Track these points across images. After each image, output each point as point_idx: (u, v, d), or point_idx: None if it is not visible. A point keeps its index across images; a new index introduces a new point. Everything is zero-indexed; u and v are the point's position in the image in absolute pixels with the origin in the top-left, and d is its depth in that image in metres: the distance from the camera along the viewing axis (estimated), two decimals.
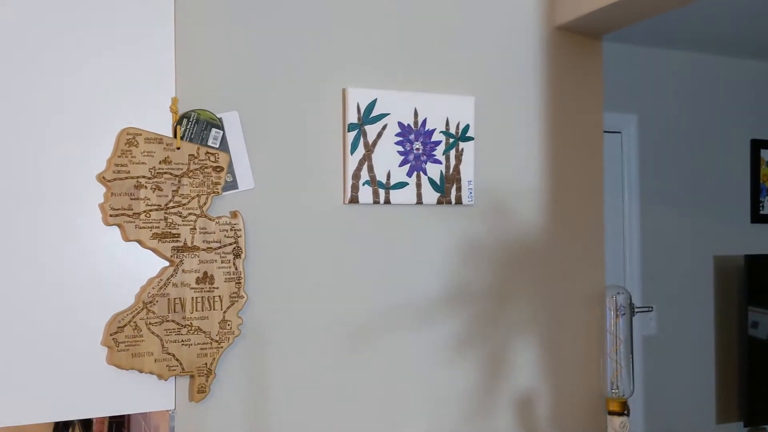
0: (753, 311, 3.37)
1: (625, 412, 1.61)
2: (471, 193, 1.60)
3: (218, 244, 1.37)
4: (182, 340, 1.33)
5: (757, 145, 3.61)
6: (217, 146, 1.39)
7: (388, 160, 1.52)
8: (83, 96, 1.30)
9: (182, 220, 1.34)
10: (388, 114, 1.52)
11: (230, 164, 1.40)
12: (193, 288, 1.34)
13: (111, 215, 1.29)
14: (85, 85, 1.30)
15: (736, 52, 2.97)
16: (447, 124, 1.58)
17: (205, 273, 1.35)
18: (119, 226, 1.31)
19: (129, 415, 1.89)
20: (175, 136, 1.35)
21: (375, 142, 1.51)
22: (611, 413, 1.62)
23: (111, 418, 1.88)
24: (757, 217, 3.68)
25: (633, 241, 3.22)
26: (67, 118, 1.29)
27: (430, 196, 1.56)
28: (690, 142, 3.34)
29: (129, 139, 1.31)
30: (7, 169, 1.25)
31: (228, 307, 1.37)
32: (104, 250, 1.31)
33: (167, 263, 1.34)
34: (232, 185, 1.41)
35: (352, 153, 1.49)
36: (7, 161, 1.25)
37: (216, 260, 1.36)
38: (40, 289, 1.26)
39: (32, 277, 1.26)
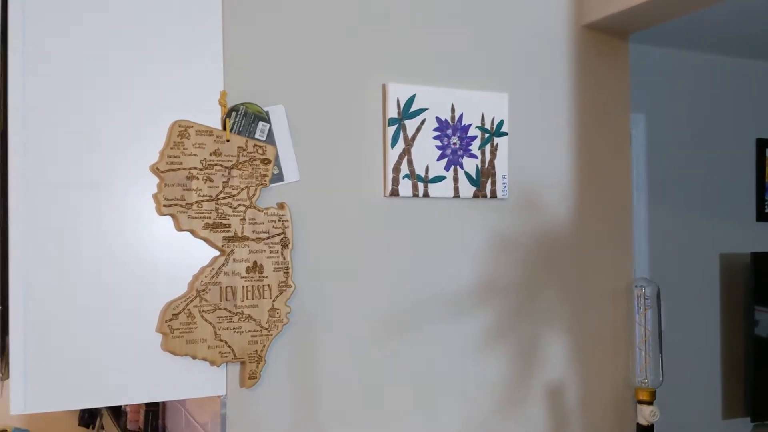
0: (759, 311, 3.41)
1: (654, 401, 1.66)
2: (505, 187, 1.64)
3: (267, 235, 1.40)
4: (234, 328, 1.37)
5: (762, 145, 3.66)
6: (263, 139, 1.43)
7: (426, 154, 1.56)
8: (135, 89, 1.34)
9: (232, 211, 1.38)
10: (427, 109, 1.56)
11: (276, 157, 1.44)
12: (243, 277, 1.38)
13: (165, 205, 1.33)
14: (137, 78, 1.34)
15: (743, 52, 3.02)
16: (482, 119, 1.62)
17: (255, 262, 1.39)
18: (172, 216, 1.34)
19: (164, 404, 1.92)
20: (224, 128, 1.39)
21: (414, 137, 1.55)
22: (641, 402, 1.66)
23: (147, 406, 1.91)
24: (762, 216, 3.72)
25: (641, 239, 3.27)
26: (121, 110, 1.32)
27: (467, 189, 1.60)
28: (697, 141, 3.38)
29: (181, 131, 1.35)
30: (67, 160, 1.28)
31: (277, 296, 1.40)
32: (157, 239, 1.34)
33: (218, 253, 1.38)
34: (278, 177, 1.44)
35: (392, 147, 1.53)
36: (66, 152, 1.28)
37: (265, 250, 1.40)
38: (97, 277, 1.30)
39: (89, 266, 1.29)
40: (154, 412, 1.90)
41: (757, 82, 3.52)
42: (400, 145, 1.54)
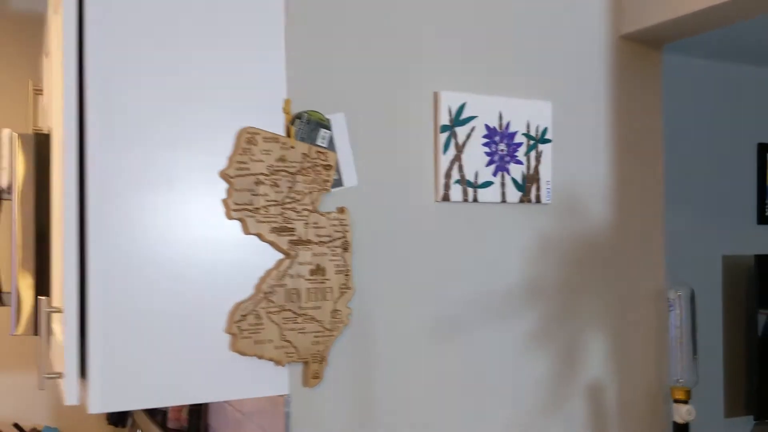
0: (762, 312, 3.48)
1: (690, 400, 1.72)
2: (549, 192, 1.70)
3: (329, 238, 1.45)
4: (298, 329, 1.41)
5: (763, 149, 3.74)
6: (325, 146, 1.47)
7: (476, 160, 1.61)
8: (205, 95, 1.37)
9: (297, 215, 1.42)
10: (476, 117, 1.62)
11: (337, 163, 1.48)
12: (307, 279, 1.42)
13: (234, 210, 1.37)
14: (206, 84, 1.37)
15: (745, 59, 3.10)
16: (528, 126, 1.67)
17: (318, 265, 1.43)
18: (241, 220, 1.38)
19: (207, 404, 1.95)
20: (288, 135, 1.43)
21: (464, 143, 1.60)
22: (677, 401, 1.72)
23: (191, 405, 1.94)
24: (763, 219, 3.80)
25: None
26: (192, 116, 1.36)
27: (513, 195, 1.65)
28: (699, 145, 3.45)
29: (249, 138, 1.39)
30: (142, 163, 1.32)
31: (338, 298, 1.45)
32: (223, 242, 1.38)
33: (281, 255, 1.42)
34: (338, 183, 1.49)
35: (444, 153, 1.58)
36: (141, 154, 1.32)
37: (327, 253, 1.44)
38: (170, 278, 1.33)
39: (163, 267, 1.33)
40: (197, 410, 1.93)
41: (758, 87, 3.59)
42: (452, 151, 1.59)
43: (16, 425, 2.43)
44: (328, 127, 1.47)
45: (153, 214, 1.33)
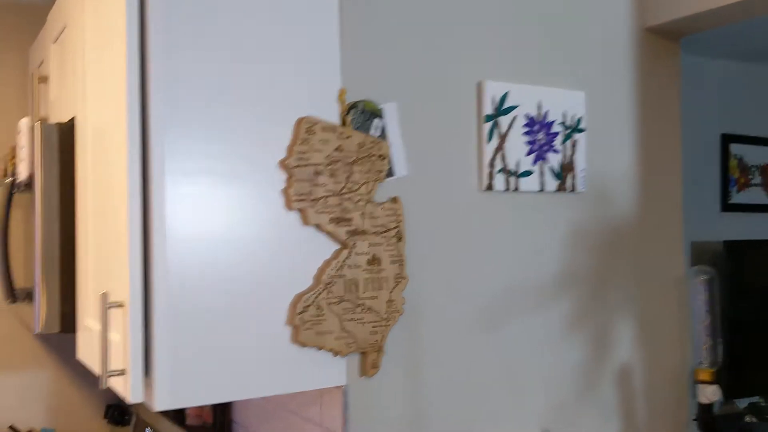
0: (731, 294, 3.61)
1: (715, 381, 1.78)
2: (584, 181, 1.72)
3: (383, 228, 1.44)
4: (357, 319, 1.40)
5: (726, 140, 3.86)
6: (378, 135, 1.46)
7: (517, 149, 1.63)
8: (261, 84, 1.35)
9: (354, 206, 1.41)
10: (517, 106, 1.63)
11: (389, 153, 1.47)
12: (364, 270, 1.41)
13: (295, 200, 1.35)
14: (264, 73, 1.35)
15: (708, 52, 3.21)
16: (564, 116, 1.70)
17: (374, 255, 1.43)
18: (301, 210, 1.36)
19: None
20: (343, 124, 1.41)
21: (507, 133, 1.61)
22: (702, 383, 1.78)
23: None
24: (726, 206, 3.93)
25: None
26: (250, 106, 1.33)
27: (551, 183, 1.68)
28: None
29: (308, 128, 1.37)
30: (203, 154, 1.28)
31: (393, 288, 1.44)
32: (284, 234, 1.36)
33: (338, 246, 1.40)
34: (390, 173, 1.48)
35: (488, 142, 1.59)
36: (203, 146, 1.28)
37: (382, 243, 1.44)
38: (232, 270, 1.31)
39: (222, 260, 1.30)
40: (221, 405, 1.90)
41: (723, 81, 3.72)
42: (495, 141, 1.60)
43: (11, 428, 2.33)
44: (381, 117, 1.46)
45: (214, 206, 1.30)
